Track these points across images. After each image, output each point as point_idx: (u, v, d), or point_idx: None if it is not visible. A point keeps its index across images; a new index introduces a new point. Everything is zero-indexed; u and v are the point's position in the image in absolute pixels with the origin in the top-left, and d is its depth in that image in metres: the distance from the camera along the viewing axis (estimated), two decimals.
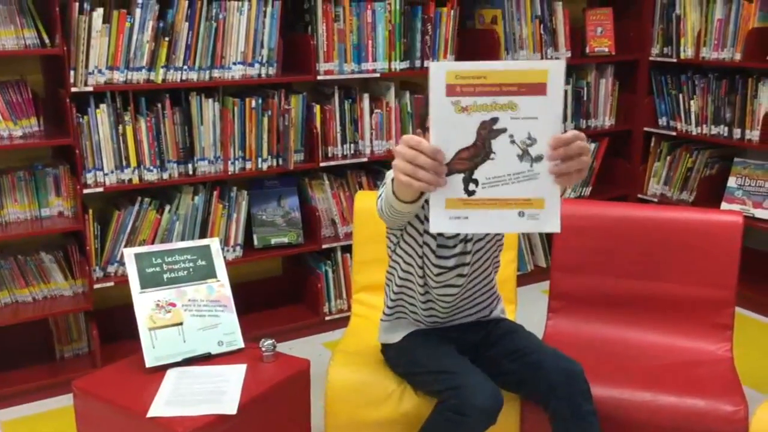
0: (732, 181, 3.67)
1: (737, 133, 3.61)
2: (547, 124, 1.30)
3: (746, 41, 3.45)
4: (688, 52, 3.75)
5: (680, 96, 3.85)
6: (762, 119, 3.48)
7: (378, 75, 3.34)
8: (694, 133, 3.81)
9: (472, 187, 1.32)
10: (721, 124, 3.69)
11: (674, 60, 3.82)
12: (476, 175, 1.32)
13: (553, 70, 1.28)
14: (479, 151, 1.31)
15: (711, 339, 2.38)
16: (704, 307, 2.40)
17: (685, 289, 2.43)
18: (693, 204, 3.79)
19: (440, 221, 1.34)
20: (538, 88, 1.28)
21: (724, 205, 3.65)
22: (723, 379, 2.20)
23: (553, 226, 1.35)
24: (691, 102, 3.80)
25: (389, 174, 1.61)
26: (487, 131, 1.30)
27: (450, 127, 1.29)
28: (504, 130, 1.30)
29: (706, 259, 2.40)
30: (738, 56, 3.52)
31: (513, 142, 1.30)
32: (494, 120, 1.29)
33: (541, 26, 3.70)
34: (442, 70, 1.27)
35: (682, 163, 3.92)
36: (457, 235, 1.98)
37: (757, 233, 3.59)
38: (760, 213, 3.55)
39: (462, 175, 1.32)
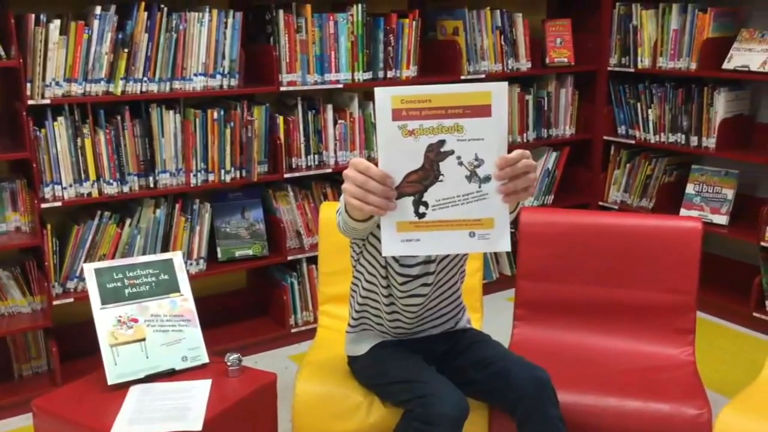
0: (690, 188, 3.74)
1: (694, 140, 3.69)
2: (493, 145, 1.31)
3: (701, 51, 3.53)
4: (645, 62, 3.82)
5: (638, 105, 3.92)
6: (718, 127, 3.56)
7: (341, 86, 3.34)
8: (652, 141, 3.88)
9: (422, 209, 1.33)
10: (678, 132, 3.76)
11: (632, 70, 3.89)
12: (426, 197, 1.33)
13: (496, 92, 1.29)
14: (428, 174, 1.32)
15: (674, 344, 2.42)
16: (666, 312, 2.44)
17: (647, 294, 2.46)
18: (653, 211, 3.86)
19: (392, 245, 1.35)
20: (482, 110, 1.29)
21: (683, 212, 3.72)
22: (686, 383, 2.24)
23: (503, 246, 1.37)
24: (649, 111, 3.87)
25: (337, 216, 1.62)
26: (435, 154, 1.31)
27: (398, 151, 1.30)
28: (451, 152, 1.31)
29: (667, 265, 2.44)
30: (693, 65, 3.60)
31: (461, 163, 1.32)
32: (441, 143, 1.31)
33: (502, 37, 3.74)
34: (387, 95, 1.29)
35: (641, 171, 3.99)
36: None
37: (715, 239, 3.66)
38: (717, 219, 3.62)
39: (412, 198, 1.33)
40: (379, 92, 1.30)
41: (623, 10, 3.91)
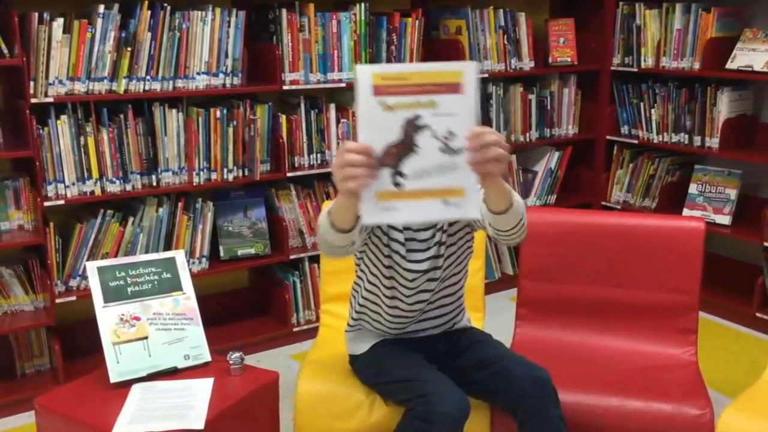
0: (693, 188, 3.74)
1: (697, 140, 3.69)
2: (464, 120, 1.41)
3: (705, 51, 3.53)
4: (648, 61, 3.82)
5: (641, 105, 3.92)
6: (721, 127, 3.55)
7: (344, 85, 3.34)
8: (655, 141, 3.88)
9: (399, 180, 1.43)
10: (681, 132, 3.76)
11: (635, 69, 3.89)
12: (403, 168, 1.42)
13: (467, 70, 1.39)
14: (405, 146, 1.41)
15: (676, 343, 2.42)
16: (669, 312, 2.44)
17: (649, 294, 2.46)
18: (655, 211, 3.85)
19: (372, 212, 1.44)
20: (454, 87, 1.39)
21: (685, 212, 3.72)
22: (688, 383, 2.24)
23: (473, 213, 1.50)
24: (652, 110, 3.87)
25: (323, 214, 1.69)
26: (411, 127, 1.41)
27: (377, 125, 1.40)
28: (426, 126, 1.41)
29: (670, 265, 2.44)
30: (697, 65, 3.60)
31: (435, 136, 1.41)
32: (417, 117, 1.40)
33: (505, 36, 3.74)
34: (369, 72, 1.38)
35: (644, 171, 3.99)
36: (431, 237, 1.99)
37: (718, 239, 3.66)
38: (720, 219, 3.61)
39: (390, 169, 1.42)
40: (361, 69, 1.38)
41: (626, 9, 3.91)
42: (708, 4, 3.56)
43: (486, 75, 3.69)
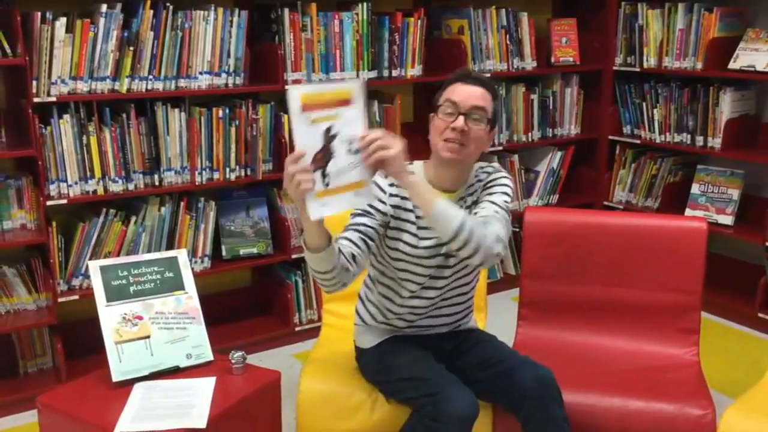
0: (695, 188, 3.73)
1: (700, 140, 3.68)
2: (357, 126, 1.73)
3: (707, 50, 3.53)
4: (650, 61, 3.82)
5: (644, 105, 3.91)
6: (723, 127, 3.55)
7: None
8: (657, 141, 3.88)
9: (327, 180, 1.71)
10: (684, 132, 3.75)
11: (637, 69, 3.89)
12: (327, 170, 1.71)
13: (355, 87, 1.72)
14: (326, 152, 1.71)
15: (678, 344, 2.42)
16: (671, 312, 2.44)
17: (651, 294, 2.46)
18: (658, 211, 3.85)
19: (315, 209, 1.71)
20: (348, 101, 1.71)
21: (688, 212, 3.71)
22: (690, 383, 2.23)
23: (371, 197, 1.84)
24: (655, 110, 3.86)
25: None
26: (328, 136, 1.70)
27: (306, 136, 1.69)
28: (337, 134, 1.71)
29: (672, 265, 2.44)
30: (699, 65, 3.60)
31: (342, 141, 1.71)
32: (330, 127, 1.70)
33: (507, 36, 3.74)
34: (298, 93, 1.67)
35: (646, 171, 3.98)
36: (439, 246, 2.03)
37: (720, 239, 3.65)
38: (723, 219, 3.61)
39: (320, 172, 1.71)
40: (291, 90, 1.66)
41: (629, 9, 3.90)
42: (710, 4, 3.56)
43: (488, 75, 3.69)
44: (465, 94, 1.97)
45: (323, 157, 1.70)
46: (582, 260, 2.50)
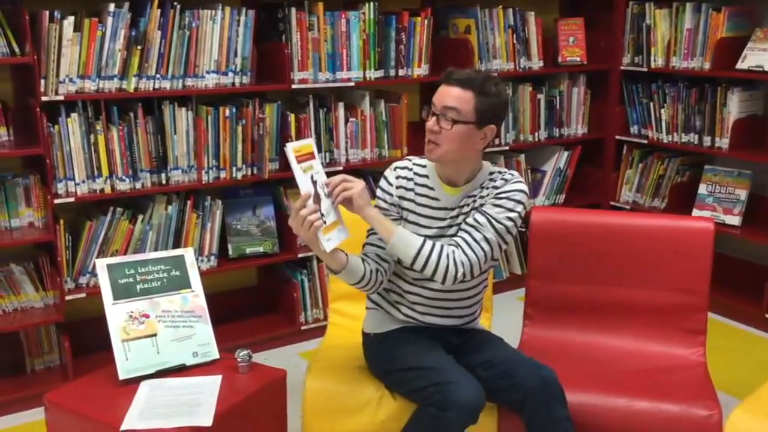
0: (703, 188, 3.72)
1: (707, 140, 3.67)
2: (323, 175, 2.01)
3: (715, 50, 3.51)
4: (658, 61, 3.81)
5: (651, 104, 3.90)
6: (731, 127, 3.54)
7: (353, 84, 3.34)
8: (665, 141, 3.87)
9: (323, 218, 1.95)
10: (691, 132, 3.74)
11: (645, 69, 3.88)
12: (322, 210, 1.95)
13: (312, 143, 2.01)
14: (317, 196, 1.96)
15: (684, 344, 2.41)
16: (677, 312, 2.43)
17: (658, 295, 2.46)
18: (665, 211, 3.84)
19: (326, 243, 1.95)
20: (312, 155, 1.99)
21: (695, 212, 3.70)
22: (697, 383, 2.23)
23: (346, 233, 2.03)
24: (662, 110, 3.85)
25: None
26: (313, 182, 1.96)
27: (305, 183, 1.94)
28: (315, 181, 1.97)
29: (679, 265, 2.43)
30: (707, 65, 3.58)
31: (320, 186, 1.98)
32: (312, 175, 1.97)
33: (514, 36, 3.74)
34: (290, 147, 1.94)
35: (653, 171, 3.97)
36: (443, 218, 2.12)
37: (727, 239, 3.64)
38: (730, 219, 3.60)
39: (319, 212, 1.94)
40: (288, 147, 1.93)
41: (636, 9, 3.89)
42: (718, 3, 3.55)
43: (495, 74, 3.69)
44: (441, 95, 2.03)
45: (316, 200, 1.95)
46: (588, 260, 2.50)
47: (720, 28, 3.52)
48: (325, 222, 1.93)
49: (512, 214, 2.05)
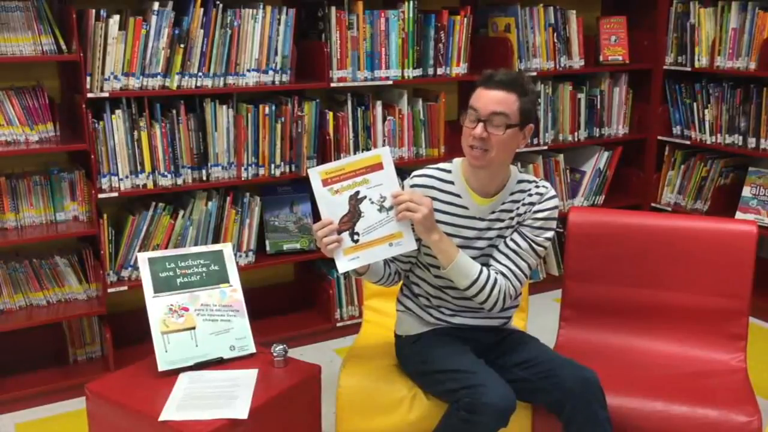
0: (747, 191, 3.65)
1: (752, 142, 3.59)
2: (389, 186, 1.97)
3: (761, 50, 3.44)
4: (702, 61, 3.74)
5: (694, 105, 3.84)
6: None
7: (391, 82, 3.35)
8: (708, 142, 3.80)
9: (356, 237, 1.97)
10: (735, 134, 3.67)
11: (688, 69, 3.81)
12: (357, 229, 1.97)
13: (384, 153, 1.97)
14: (353, 215, 1.97)
15: (724, 349, 2.37)
16: (718, 316, 2.39)
17: (698, 298, 2.42)
18: (707, 213, 3.77)
19: (343, 264, 1.98)
20: (378, 166, 1.96)
21: (738, 215, 3.63)
22: (736, 389, 2.19)
23: (412, 245, 2.00)
24: (706, 111, 3.78)
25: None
26: (355, 201, 1.96)
27: (331, 205, 1.97)
28: (365, 197, 1.96)
29: (720, 269, 2.39)
30: (753, 65, 3.51)
31: (372, 202, 1.97)
32: (357, 192, 1.96)
33: (555, 34, 3.70)
34: (316, 172, 1.95)
35: (696, 173, 3.90)
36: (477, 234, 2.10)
37: None
38: None
39: (347, 232, 1.97)
40: (311, 171, 1.95)
41: (681, 7, 3.83)
42: (765, 2, 3.47)
43: (534, 73, 3.66)
44: (485, 100, 1.98)
45: (350, 219, 1.96)
46: (627, 262, 2.47)
47: (767, 27, 3.44)
48: (357, 241, 1.96)
49: (550, 234, 2.10)
